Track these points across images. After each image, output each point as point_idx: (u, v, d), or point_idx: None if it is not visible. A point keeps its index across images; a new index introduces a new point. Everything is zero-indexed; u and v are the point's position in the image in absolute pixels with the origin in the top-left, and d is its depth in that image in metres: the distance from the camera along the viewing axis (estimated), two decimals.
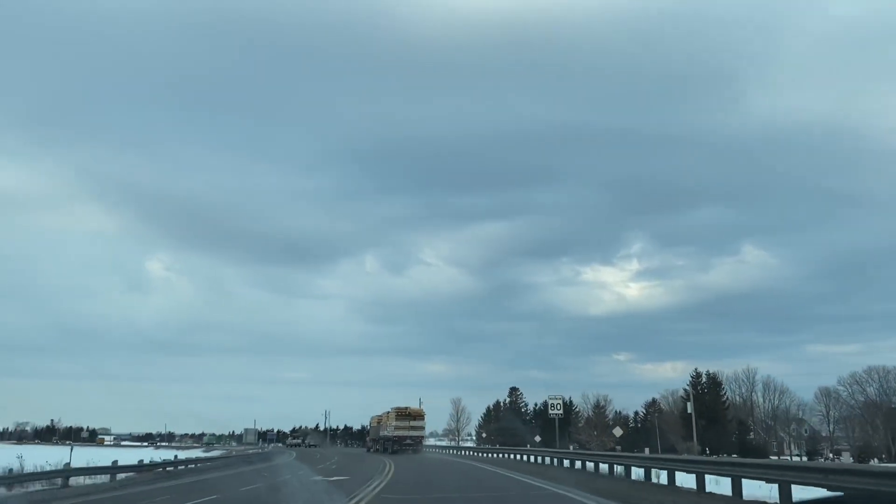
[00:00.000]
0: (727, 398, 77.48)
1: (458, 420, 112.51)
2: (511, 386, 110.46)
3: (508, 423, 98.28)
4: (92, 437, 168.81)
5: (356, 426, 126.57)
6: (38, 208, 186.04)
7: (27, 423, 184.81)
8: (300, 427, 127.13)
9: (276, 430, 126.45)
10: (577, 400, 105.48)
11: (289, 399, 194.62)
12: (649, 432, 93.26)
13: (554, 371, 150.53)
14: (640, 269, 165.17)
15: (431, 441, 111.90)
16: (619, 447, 79.87)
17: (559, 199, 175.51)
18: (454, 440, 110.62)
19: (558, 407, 50.91)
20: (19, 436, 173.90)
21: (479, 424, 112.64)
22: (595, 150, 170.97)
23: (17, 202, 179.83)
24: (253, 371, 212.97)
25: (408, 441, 59.39)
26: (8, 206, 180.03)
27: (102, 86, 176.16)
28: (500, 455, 51.58)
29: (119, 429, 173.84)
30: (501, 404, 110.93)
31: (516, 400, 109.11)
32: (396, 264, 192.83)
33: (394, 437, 59.69)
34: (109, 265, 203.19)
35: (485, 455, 55.57)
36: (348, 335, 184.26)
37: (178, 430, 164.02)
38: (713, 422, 67.69)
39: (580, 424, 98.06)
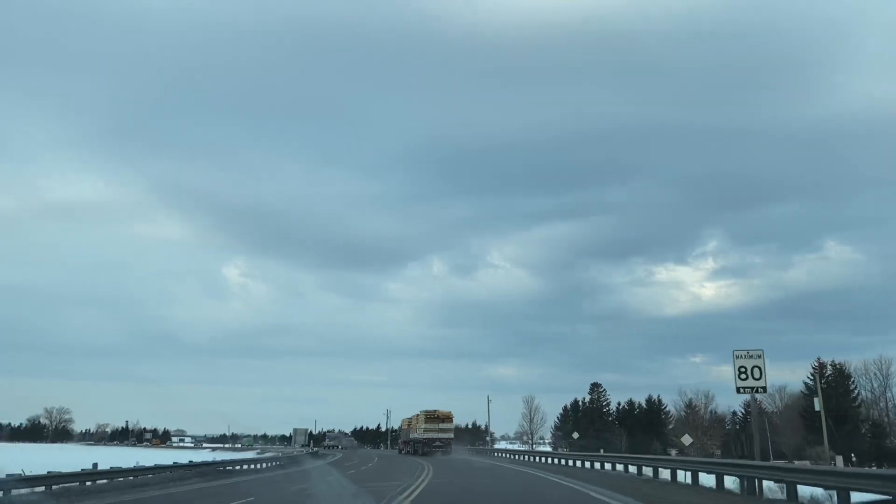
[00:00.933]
0: (858, 394, 64.68)
1: (531, 421, 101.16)
2: (592, 382, 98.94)
3: (592, 424, 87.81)
4: (164, 439, 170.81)
5: None
6: (122, 219, 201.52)
7: (107, 424, 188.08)
8: (362, 428, 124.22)
9: (336, 431, 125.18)
10: (666, 398, 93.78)
11: (357, 400, 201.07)
12: (752, 435, 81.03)
13: (628, 374, 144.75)
14: (717, 267, 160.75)
15: (502, 444, 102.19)
16: (717, 452, 68.67)
17: (631, 197, 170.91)
18: (527, 443, 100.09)
19: (756, 373, 22.43)
20: (100, 437, 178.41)
21: (556, 426, 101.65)
22: (668, 146, 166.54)
23: (104, 213, 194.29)
24: (323, 373, 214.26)
25: (437, 443, 59.88)
26: (95, 218, 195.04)
27: (176, 99, 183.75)
28: (601, 465, 35.27)
29: (195, 430, 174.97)
30: (580, 403, 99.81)
31: (598, 398, 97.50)
32: (464, 267, 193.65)
33: (423, 440, 60.55)
34: (189, 272, 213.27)
35: (574, 464, 39.30)
36: (416, 338, 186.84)
37: (247, 431, 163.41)
38: (842, 422, 55.42)
39: (670, 426, 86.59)
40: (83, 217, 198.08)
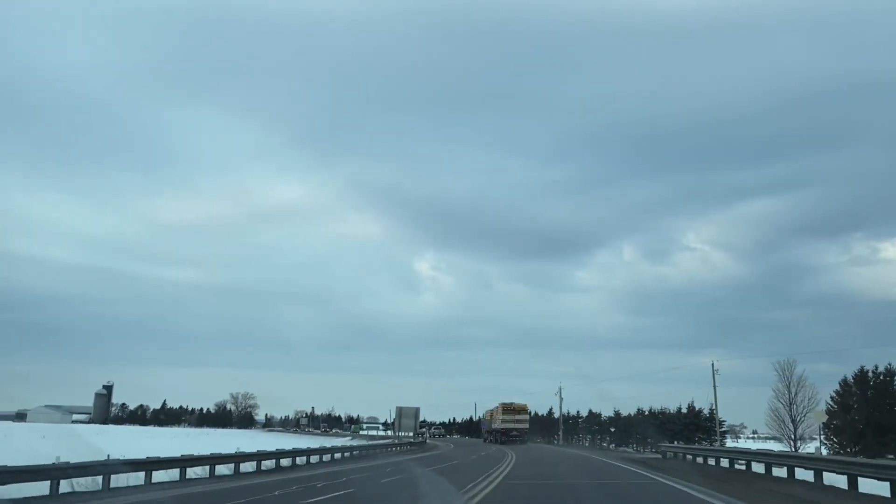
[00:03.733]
0: None
1: (790, 404, 57.11)
2: None
3: None
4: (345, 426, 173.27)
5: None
6: (321, 219, 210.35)
7: (303, 411, 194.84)
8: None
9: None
10: None
11: (540, 390, 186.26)
12: None
13: (848, 366, 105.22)
14: None
15: (728, 442, 65.25)
16: None
17: (845, 165, 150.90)
18: (781, 440, 59.53)
19: None
20: (296, 423, 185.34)
21: (828, 411, 59.84)
22: (886, 104, 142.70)
23: (304, 213, 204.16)
24: (507, 363, 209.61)
25: (514, 433, 66.59)
26: (297, 218, 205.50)
27: (361, 98, 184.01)
28: None
29: (387, 417, 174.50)
30: (870, 376, 58.18)
31: None
32: (657, 252, 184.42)
33: (501, 430, 67.90)
34: (382, 267, 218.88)
35: None
36: (606, 328, 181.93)
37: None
38: None
39: None
40: (287, 219, 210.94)
